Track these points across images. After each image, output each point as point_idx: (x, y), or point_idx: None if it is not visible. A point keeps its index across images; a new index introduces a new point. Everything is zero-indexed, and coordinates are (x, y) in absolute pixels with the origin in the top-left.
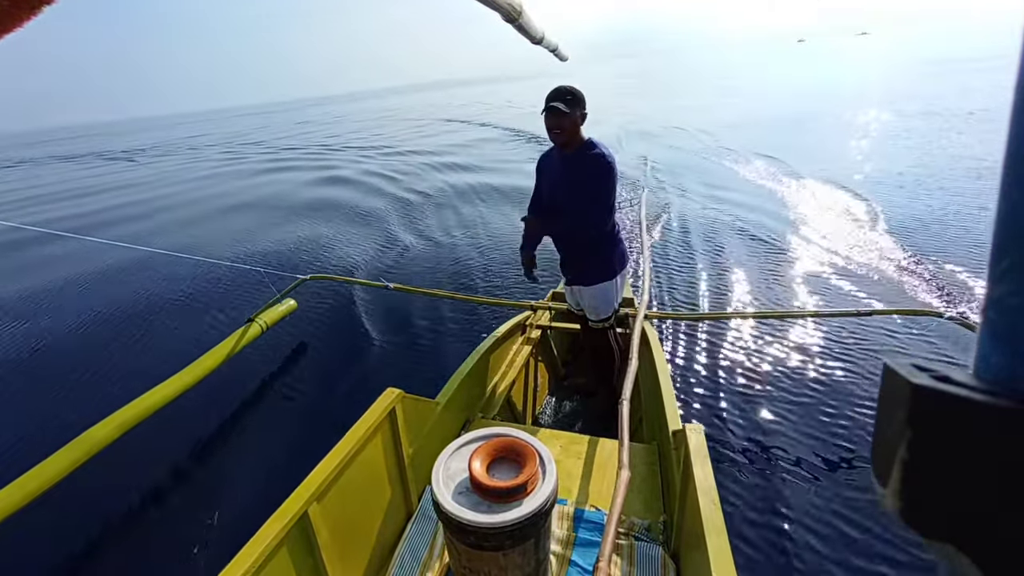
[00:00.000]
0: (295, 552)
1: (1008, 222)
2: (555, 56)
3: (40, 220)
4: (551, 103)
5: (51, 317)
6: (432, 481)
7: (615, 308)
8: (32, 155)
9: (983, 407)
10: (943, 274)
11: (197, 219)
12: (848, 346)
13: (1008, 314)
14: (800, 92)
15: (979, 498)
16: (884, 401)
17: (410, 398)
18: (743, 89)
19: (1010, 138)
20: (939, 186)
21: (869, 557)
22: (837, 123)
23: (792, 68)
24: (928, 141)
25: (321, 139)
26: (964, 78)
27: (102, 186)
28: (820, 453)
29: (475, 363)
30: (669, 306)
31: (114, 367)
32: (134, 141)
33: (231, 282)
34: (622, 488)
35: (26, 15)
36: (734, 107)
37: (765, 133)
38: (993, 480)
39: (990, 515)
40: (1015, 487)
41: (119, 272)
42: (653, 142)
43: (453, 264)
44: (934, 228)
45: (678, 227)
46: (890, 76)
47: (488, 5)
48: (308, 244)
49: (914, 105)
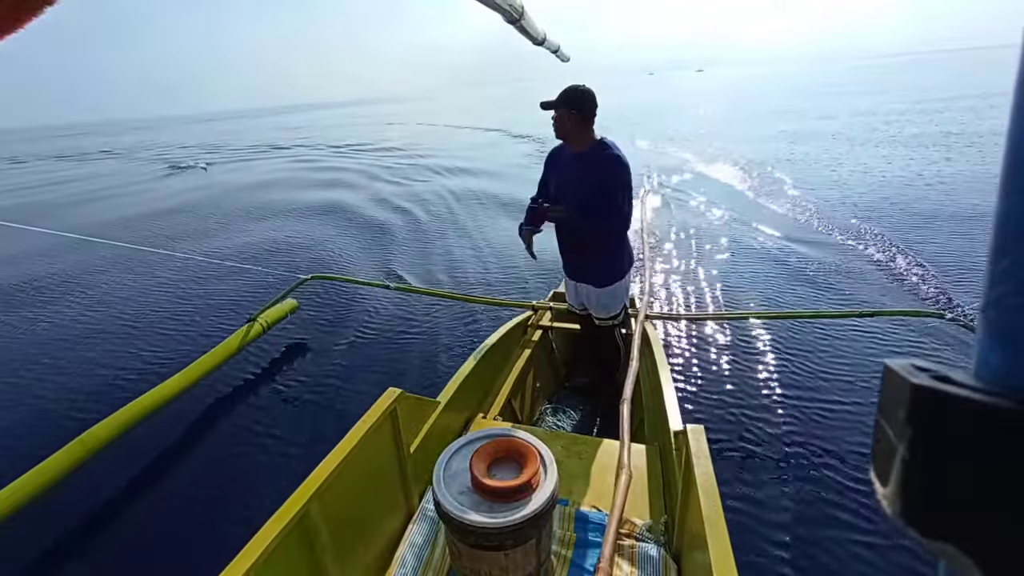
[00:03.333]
0: (296, 552)
1: (1007, 222)
2: (557, 57)
3: (39, 220)
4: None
5: (51, 317)
6: (433, 481)
7: (624, 304)
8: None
9: (983, 407)
10: (943, 274)
11: (198, 220)
12: (848, 346)
13: (1008, 314)
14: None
15: (979, 498)
16: (884, 401)
17: (411, 398)
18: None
19: (1010, 138)
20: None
21: (870, 557)
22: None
23: (646, 94)
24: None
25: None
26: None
27: (101, 185)
28: (821, 453)
29: (476, 363)
30: (670, 307)
31: (115, 366)
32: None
33: (232, 282)
34: (623, 489)
35: (27, 16)
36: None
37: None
38: (993, 480)
39: (990, 515)
40: (1015, 487)
41: (120, 272)
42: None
43: (454, 264)
44: (935, 228)
45: (680, 229)
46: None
47: (490, 7)
48: (309, 244)
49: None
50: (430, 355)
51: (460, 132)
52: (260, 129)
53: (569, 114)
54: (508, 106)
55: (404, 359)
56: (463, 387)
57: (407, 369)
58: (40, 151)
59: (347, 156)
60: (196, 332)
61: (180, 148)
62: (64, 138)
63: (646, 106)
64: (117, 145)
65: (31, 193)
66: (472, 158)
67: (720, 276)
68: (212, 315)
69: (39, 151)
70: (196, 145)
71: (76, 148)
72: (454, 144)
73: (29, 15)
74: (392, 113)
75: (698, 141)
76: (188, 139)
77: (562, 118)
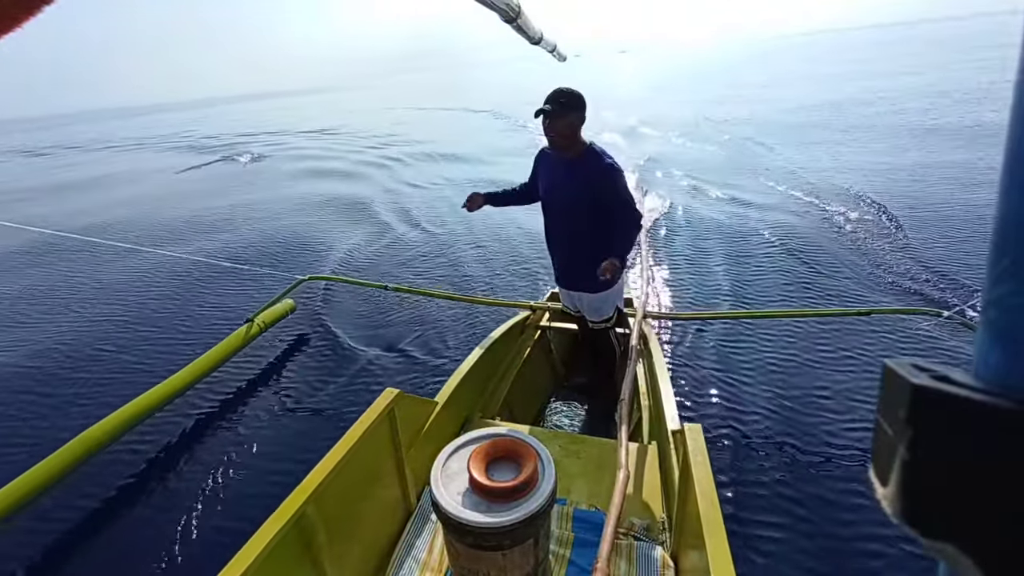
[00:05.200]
0: (294, 553)
1: (1008, 222)
2: (553, 56)
3: (37, 219)
4: (544, 105)
5: (51, 317)
6: (431, 481)
7: (617, 307)
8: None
9: (983, 407)
10: (943, 274)
11: (197, 219)
12: (848, 346)
13: (1008, 314)
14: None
15: (979, 498)
16: (884, 401)
17: (409, 398)
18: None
19: (1010, 138)
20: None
21: (869, 557)
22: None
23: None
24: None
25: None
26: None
27: (97, 184)
28: (820, 453)
29: (474, 363)
30: (668, 306)
31: (114, 367)
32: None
33: (230, 283)
34: (621, 488)
35: (25, 15)
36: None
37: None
38: (993, 480)
39: (990, 515)
40: (1015, 487)
41: (118, 272)
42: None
43: (452, 264)
44: (935, 228)
45: (678, 227)
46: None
47: (487, 6)
48: (307, 244)
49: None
50: (428, 355)
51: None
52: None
53: (577, 119)
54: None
55: (402, 359)
56: (461, 387)
57: (405, 369)
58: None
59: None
60: (194, 333)
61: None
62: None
63: (594, 84)
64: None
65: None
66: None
67: (719, 275)
68: (210, 316)
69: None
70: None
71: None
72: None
73: (28, 14)
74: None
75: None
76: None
77: (567, 125)
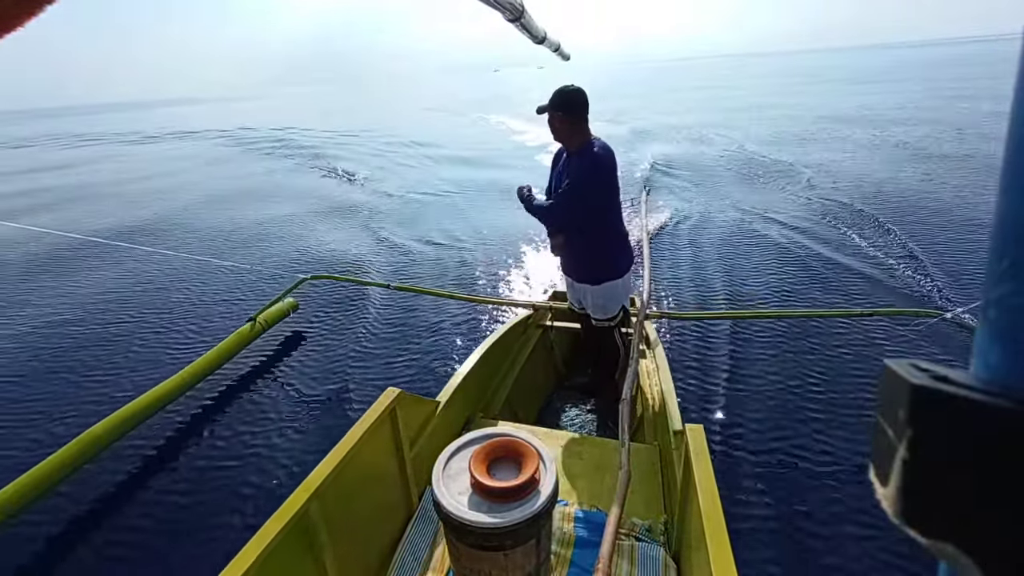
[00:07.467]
0: (295, 552)
1: (1008, 222)
2: (557, 55)
3: (36, 219)
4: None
5: (51, 317)
6: (433, 481)
7: (622, 306)
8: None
9: (983, 407)
10: (943, 274)
11: (197, 218)
12: (848, 346)
13: (1008, 314)
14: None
15: (979, 498)
16: (884, 401)
17: (411, 398)
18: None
19: (1010, 138)
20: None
21: (869, 557)
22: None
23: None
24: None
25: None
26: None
27: (95, 183)
28: (820, 453)
29: (476, 363)
30: (670, 306)
31: (114, 367)
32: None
33: (232, 282)
34: (623, 488)
35: (26, 15)
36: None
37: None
38: (993, 480)
39: (990, 515)
40: (1015, 487)
41: (119, 272)
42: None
43: (455, 264)
44: (935, 228)
45: (678, 227)
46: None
47: (490, 5)
48: (309, 244)
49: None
50: (430, 355)
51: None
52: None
53: (557, 116)
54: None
55: (404, 359)
56: (463, 387)
57: (407, 369)
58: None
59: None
60: (195, 333)
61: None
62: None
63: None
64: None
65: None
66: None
67: (719, 275)
68: (212, 315)
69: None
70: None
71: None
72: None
73: (29, 14)
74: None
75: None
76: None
77: (552, 121)
